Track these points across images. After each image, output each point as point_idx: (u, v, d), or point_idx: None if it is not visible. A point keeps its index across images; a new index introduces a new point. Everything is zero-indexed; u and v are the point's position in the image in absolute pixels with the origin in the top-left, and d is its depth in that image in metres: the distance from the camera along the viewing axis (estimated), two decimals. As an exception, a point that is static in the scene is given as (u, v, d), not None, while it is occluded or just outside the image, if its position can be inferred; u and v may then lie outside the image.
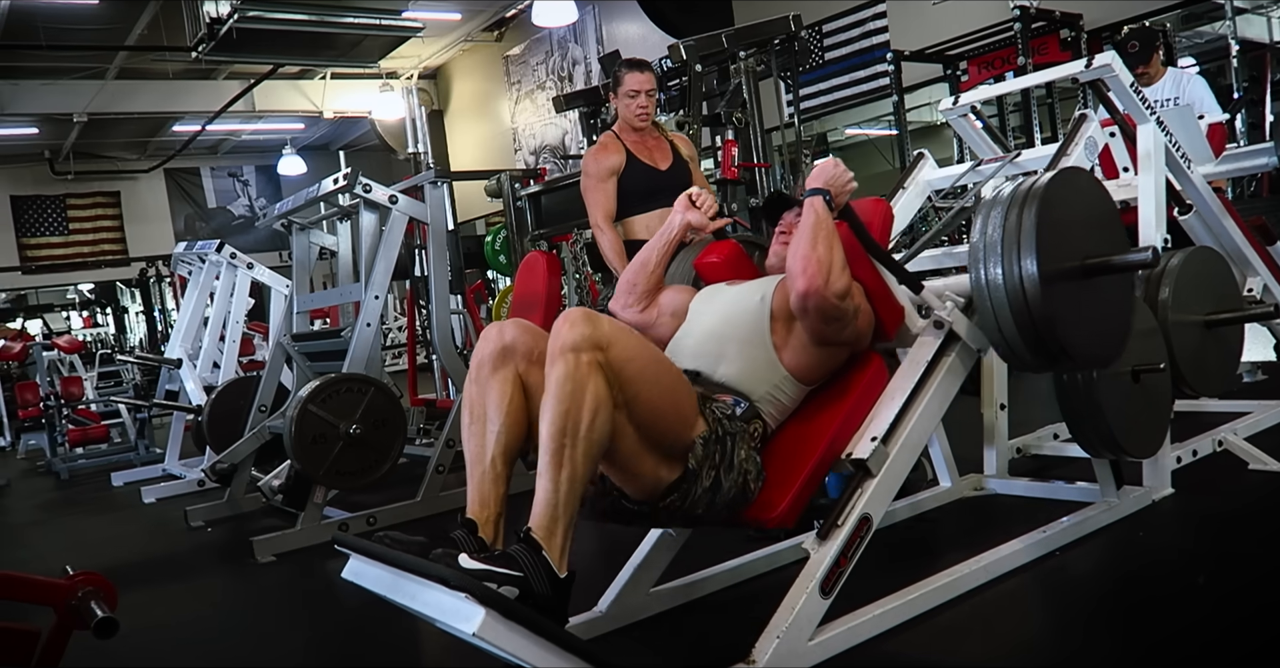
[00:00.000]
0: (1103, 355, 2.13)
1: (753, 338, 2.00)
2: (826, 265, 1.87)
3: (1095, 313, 2.05)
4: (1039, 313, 1.91)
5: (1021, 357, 2.01)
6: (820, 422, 1.99)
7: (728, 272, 2.31)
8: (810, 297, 1.87)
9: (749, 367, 1.98)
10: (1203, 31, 7.54)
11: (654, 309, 2.26)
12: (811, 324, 1.93)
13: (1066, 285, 1.96)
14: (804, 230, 1.93)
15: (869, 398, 2.02)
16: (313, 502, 3.36)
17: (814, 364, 2.00)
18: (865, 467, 1.89)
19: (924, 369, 2.03)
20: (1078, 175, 2.12)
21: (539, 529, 1.60)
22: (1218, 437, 2.98)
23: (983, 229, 1.98)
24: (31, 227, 14.24)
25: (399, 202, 3.64)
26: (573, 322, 1.68)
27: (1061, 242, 1.96)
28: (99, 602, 1.60)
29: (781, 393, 1.99)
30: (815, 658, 1.81)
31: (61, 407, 6.33)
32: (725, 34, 4.42)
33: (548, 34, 11.47)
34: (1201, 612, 1.93)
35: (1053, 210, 1.94)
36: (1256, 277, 3.26)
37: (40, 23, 9.28)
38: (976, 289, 1.99)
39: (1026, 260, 1.90)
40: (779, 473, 1.90)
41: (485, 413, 1.78)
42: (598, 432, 1.64)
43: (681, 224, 2.23)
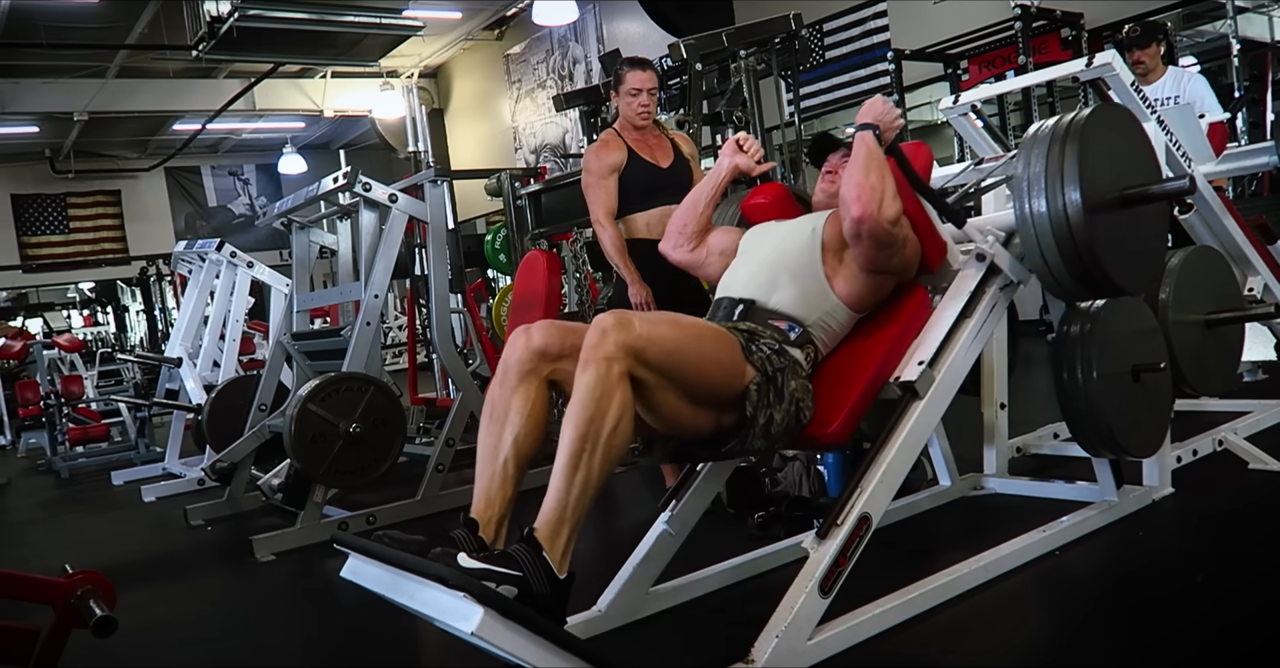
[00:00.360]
0: (1140, 280, 2.26)
1: (805, 268, 2.11)
2: (879, 192, 1.99)
3: (1134, 241, 2.16)
4: (1082, 241, 2.01)
5: (1064, 284, 2.12)
6: (870, 346, 2.10)
7: (775, 212, 2.43)
8: (864, 222, 1.98)
9: (802, 295, 2.09)
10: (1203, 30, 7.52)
11: (703, 249, 2.40)
12: (864, 250, 2.04)
13: (1107, 215, 2.06)
14: (856, 161, 2.04)
15: (915, 326, 2.13)
16: (312, 501, 3.36)
17: (864, 292, 2.11)
18: (913, 389, 1.99)
19: (966, 299, 2.15)
20: (1115, 111, 2.22)
21: (545, 527, 1.61)
22: (1218, 436, 2.98)
23: (1026, 163, 2.08)
24: (32, 225, 14.24)
25: (399, 200, 3.64)
26: (604, 329, 1.70)
27: (1101, 173, 2.06)
28: (98, 600, 1.60)
29: (833, 319, 2.10)
30: (814, 657, 1.81)
31: (62, 405, 6.33)
32: (726, 33, 4.41)
33: (548, 33, 11.47)
34: (1201, 612, 1.93)
35: (1092, 143, 2.04)
36: (1257, 276, 3.26)
37: (41, 21, 9.29)
38: (1021, 220, 2.09)
39: (1070, 191, 2.00)
40: (832, 395, 2.01)
41: (505, 415, 1.79)
42: (618, 441, 1.67)
43: (729, 167, 2.35)
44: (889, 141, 2.09)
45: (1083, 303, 2.36)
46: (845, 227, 2.03)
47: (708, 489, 2.22)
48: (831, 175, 2.32)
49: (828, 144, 2.37)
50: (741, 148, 2.34)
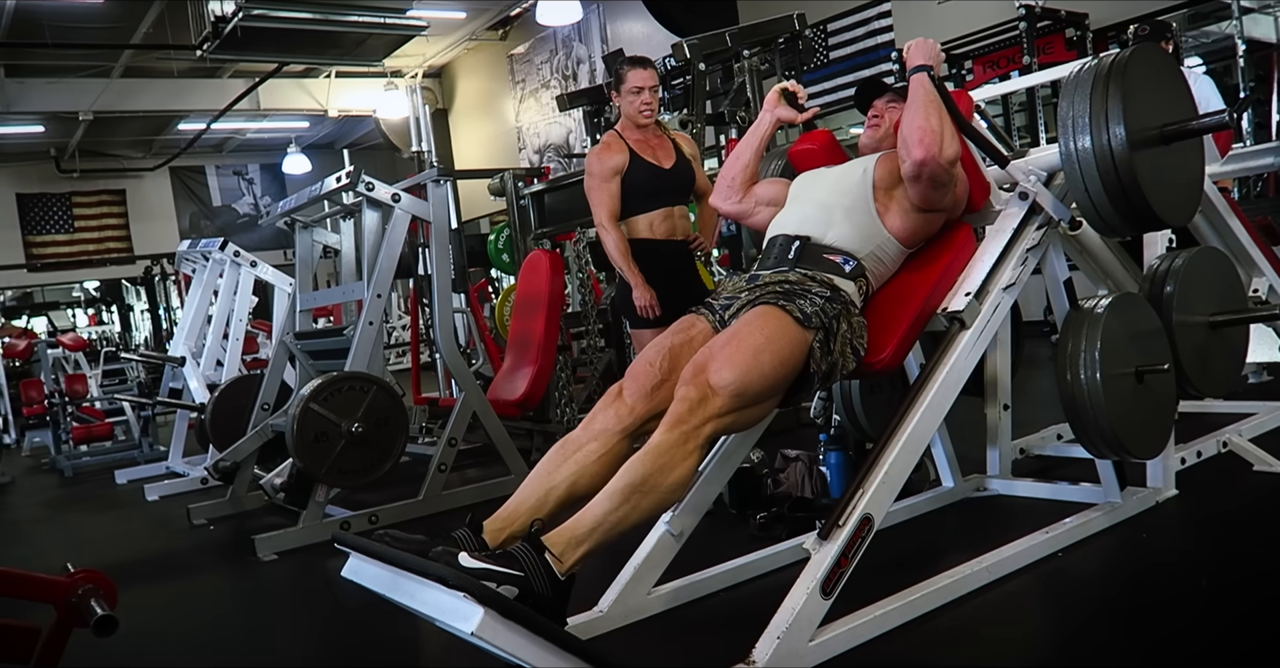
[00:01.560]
0: (1184, 213, 2.31)
1: (858, 204, 2.21)
2: (939, 134, 2.08)
3: (1174, 175, 2.23)
4: (1126, 176, 2.08)
5: (1108, 219, 2.19)
6: (919, 279, 2.22)
7: (823, 158, 2.52)
8: (928, 163, 2.08)
9: (855, 229, 2.19)
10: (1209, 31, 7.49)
11: (750, 199, 2.50)
12: (921, 190, 2.14)
13: (1149, 151, 2.14)
14: (915, 103, 2.13)
15: (960, 261, 2.25)
16: (314, 500, 3.36)
17: (914, 228, 2.22)
18: (960, 318, 2.10)
19: (1010, 236, 2.26)
20: (1153, 51, 2.27)
21: (567, 534, 1.64)
22: (1222, 438, 2.97)
23: (1071, 102, 2.14)
24: (37, 224, 14.26)
25: (402, 200, 3.64)
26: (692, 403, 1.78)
27: (1143, 110, 2.13)
28: (99, 600, 1.60)
29: (884, 253, 2.21)
30: (815, 659, 1.80)
31: (66, 404, 6.34)
32: (729, 33, 4.41)
33: (552, 33, 11.46)
34: (1205, 614, 1.92)
35: (1135, 82, 2.12)
36: (1262, 277, 3.25)
37: (46, 21, 9.30)
38: (1066, 157, 2.15)
39: (1115, 127, 2.07)
40: (883, 324, 2.14)
41: (579, 451, 1.86)
42: (673, 496, 1.77)
43: (772, 120, 2.45)
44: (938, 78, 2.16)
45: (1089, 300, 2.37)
46: (905, 168, 2.12)
47: (709, 490, 2.21)
48: (877, 119, 2.40)
49: (874, 89, 2.44)
50: (790, 93, 2.44)
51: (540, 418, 4.55)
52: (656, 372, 1.95)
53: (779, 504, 2.84)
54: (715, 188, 2.55)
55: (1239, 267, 3.07)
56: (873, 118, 2.42)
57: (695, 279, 3.44)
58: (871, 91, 2.44)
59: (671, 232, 3.34)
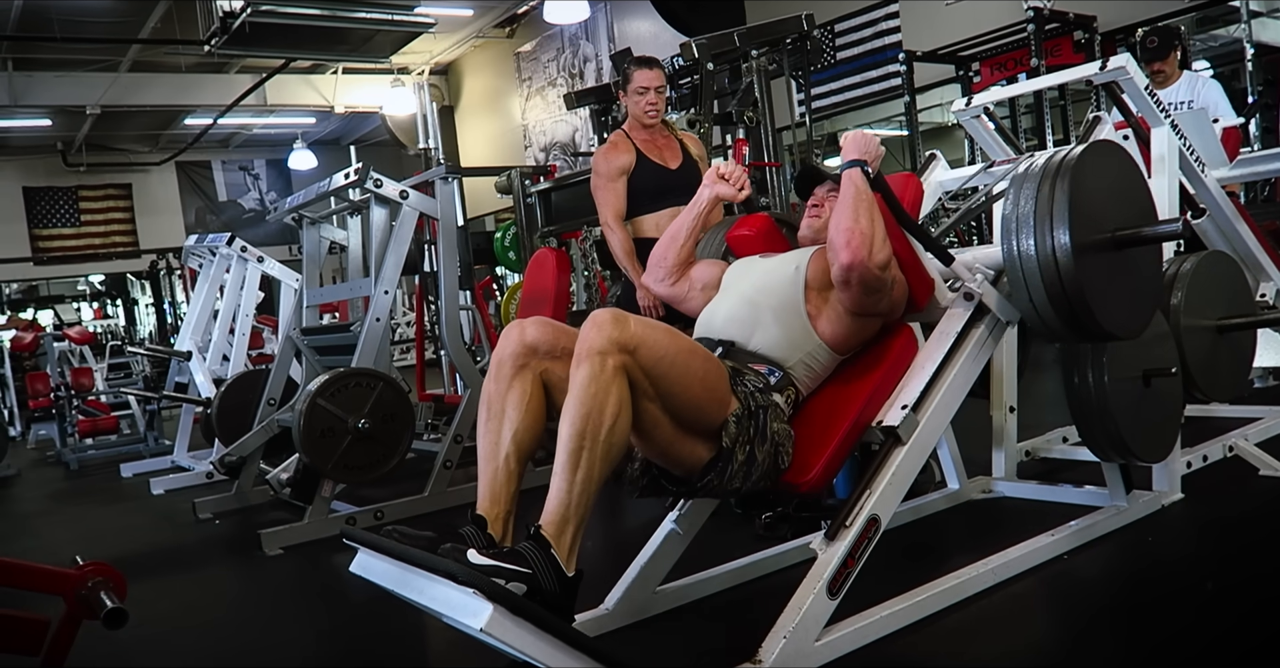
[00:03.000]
0: (1131, 325, 2.15)
1: (787, 307, 2.05)
2: (869, 237, 1.91)
3: (1125, 283, 2.09)
4: (1070, 284, 1.94)
5: (1052, 327, 2.04)
6: (852, 390, 2.04)
7: (760, 245, 2.36)
8: (854, 269, 1.91)
9: (784, 335, 2.03)
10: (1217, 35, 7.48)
11: (685, 282, 2.32)
12: (852, 296, 1.97)
13: (1097, 256, 2.00)
14: (845, 202, 1.97)
15: (899, 367, 2.07)
16: (320, 495, 3.37)
17: (848, 334, 2.05)
18: (896, 434, 1.93)
19: (953, 340, 2.08)
20: (1109, 148, 2.15)
21: (549, 527, 1.61)
22: (1228, 442, 2.97)
23: (1015, 201, 2.01)
24: (43, 218, 14.29)
25: (410, 197, 3.65)
26: (600, 325, 1.68)
27: (1093, 213, 1.99)
28: (109, 592, 1.60)
29: (815, 361, 2.04)
30: (822, 659, 1.81)
31: (72, 397, 6.36)
32: (737, 33, 4.40)
33: (559, 31, 11.47)
34: (1209, 618, 1.93)
35: (1084, 183, 1.98)
36: (1269, 282, 3.25)
37: (54, 15, 9.32)
38: (1009, 260, 2.02)
39: (1059, 232, 1.94)
40: (812, 439, 1.95)
41: (503, 411, 1.78)
42: (617, 436, 1.65)
43: (710, 197, 2.26)
44: (875, 173, 2.01)
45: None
46: (834, 272, 1.96)
47: (716, 489, 2.21)
48: (817, 208, 2.24)
49: (814, 176, 2.28)
50: (723, 176, 2.24)
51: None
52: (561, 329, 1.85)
53: (785, 504, 2.83)
54: (648, 267, 2.37)
55: (1246, 271, 3.07)
56: (812, 207, 2.25)
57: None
58: (812, 179, 2.28)
59: (678, 231, 3.34)
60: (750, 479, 1.85)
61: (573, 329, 1.79)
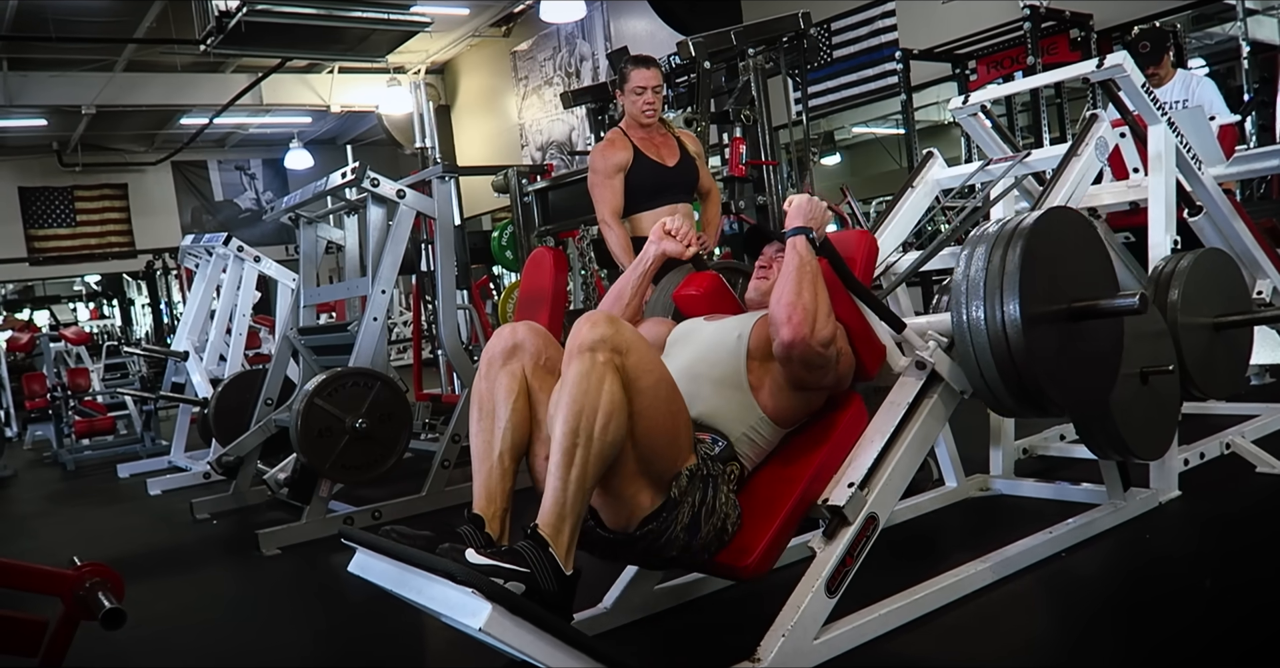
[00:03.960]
0: (1087, 402, 2.06)
1: (728, 378, 1.95)
2: (812, 313, 1.84)
3: (1081, 357, 1.99)
4: (1020, 357, 1.84)
5: (1002, 401, 1.95)
6: (797, 465, 1.93)
7: (706, 305, 2.25)
8: (796, 346, 1.83)
9: (724, 407, 1.94)
10: (1213, 32, 7.50)
11: None
12: (794, 371, 1.89)
13: (1051, 329, 1.90)
14: (788, 275, 1.89)
15: (848, 440, 1.96)
16: (318, 495, 3.36)
17: (791, 407, 1.96)
18: (841, 514, 1.84)
19: (904, 411, 1.97)
20: (1066, 214, 2.07)
21: (546, 526, 1.60)
22: (1225, 439, 2.97)
23: (966, 268, 1.92)
24: (39, 218, 14.27)
25: (406, 196, 3.64)
26: (594, 322, 1.68)
27: (1047, 283, 1.90)
28: (106, 593, 1.60)
29: (758, 434, 1.95)
30: (820, 657, 1.81)
31: (68, 398, 6.35)
32: (734, 31, 4.40)
33: (555, 30, 11.46)
34: (1207, 615, 1.93)
35: (1039, 250, 1.88)
36: (1266, 279, 3.25)
37: (50, 15, 9.30)
38: (958, 330, 1.93)
39: (1009, 303, 1.84)
40: (754, 518, 1.85)
41: (494, 409, 1.78)
42: (611, 434, 1.63)
43: (656, 255, 2.18)
44: (821, 240, 1.94)
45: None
46: (775, 347, 1.88)
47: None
48: (765, 270, 2.17)
49: (761, 237, 2.24)
50: (670, 233, 2.15)
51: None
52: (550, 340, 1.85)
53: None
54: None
55: (1243, 269, 3.07)
56: (760, 268, 2.18)
57: (699, 277, 3.44)
58: (760, 239, 2.23)
59: (675, 230, 3.34)
60: (690, 548, 1.78)
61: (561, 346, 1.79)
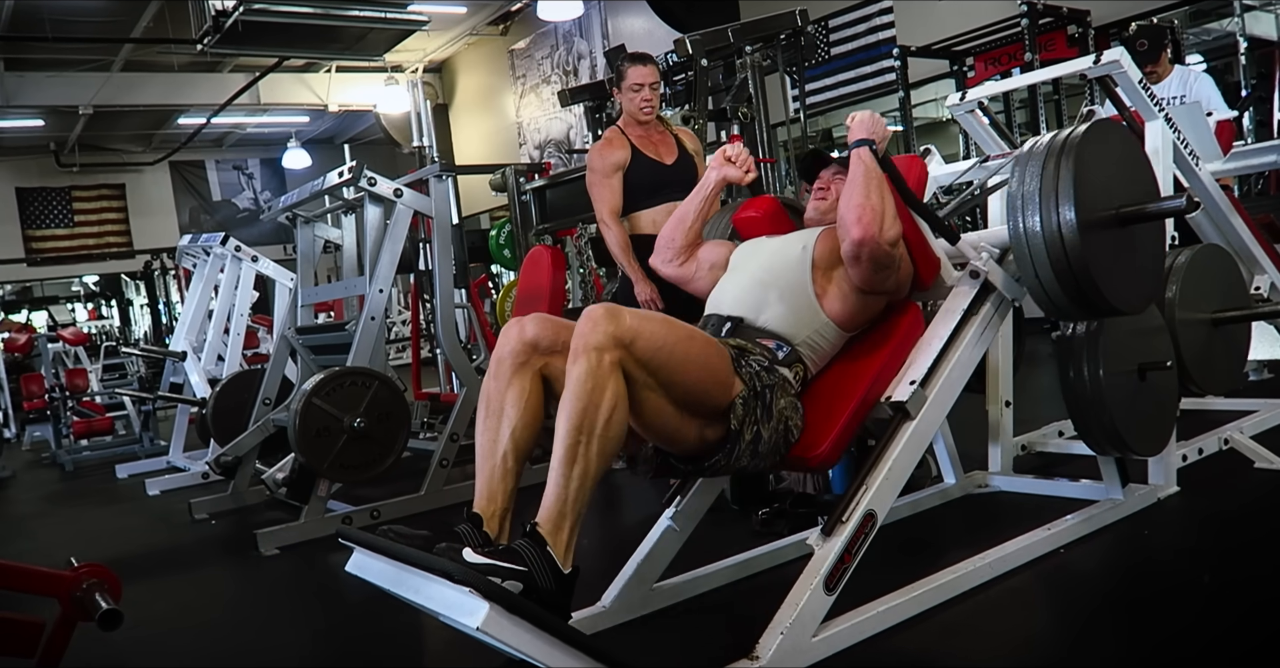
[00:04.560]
0: (1137, 301, 2.18)
1: (795, 285, 2.07)
2: (879, 213, 1.95)
3: (1130, 259, 2.11)
4: (1076, 261, 1.97)
5: (1059, 304, 2.06)
6: (860, 366, 2.06)
7: (766, 226, 2.38)
8: (865, 244, 1.94)
9: (791, 313, 2.05)
10: (1210, 28, 7.50)
11: (693, 263, 2.35)
12: (862, 272, 2.00)
13: (1102, 233, 2.02)
14: (855, 180, 2.00)
15: (907, 344, 2.09)
16: (316, 495, 3.36)
17: (854, 311, 2.07)
18: (904, 409, 1.96)
19: (960, 318, 2.10)
20: (1111, 127, 2.16)
21: (546, 523, 1.60)
22: (1224, 435, 2.97)
23: (1021, 180, 2.03)
24: (37, 219, 14.26)
25: (404, 195, 3.64)
26: (595, 320, 1.68)
27: (1097, 191, 2.01)
28: (103, 593, 1.60)
29: (822, 338, 2.06)
30: (819, 654, 1.80)
31: (66, 399, 6.34)
32: (731, 28, 4.40)
33: (553, 28, 11.46)
34: (1206, 610, 1.93)
35: (1088, 161, 2.00)
36: (1264, 274, 3.25)
37: (46, 15, 9.29)
38: (1015, 238, 2.04)
39: (1065, 209, 1.96)
40: (821, 415, 1.97)
41: (501, 409, 1.79)
42: (613, 430, 1.65)
43: (717, 179, 2.29)
44: (881, 153, 2.04)
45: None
46: (844, 248, 1.99)
47: (712, 486, 2.21)
48: (823, 192, 2.26)
49: (819, 160, 2.30)
50: (730, 159, 2.26)
51: (541, 413, 4.54)
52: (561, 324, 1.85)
53: (781, 500, 2.84)
54: (655, 248, 2.39)
55: (1241, 264, 3.07)
56: (818, 190, 2.27)
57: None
58: (817, 163, 2.31)
59: (674, 228, 3.34)
60: (759, 456, 1.88)
61: (573, 323, 1.79)
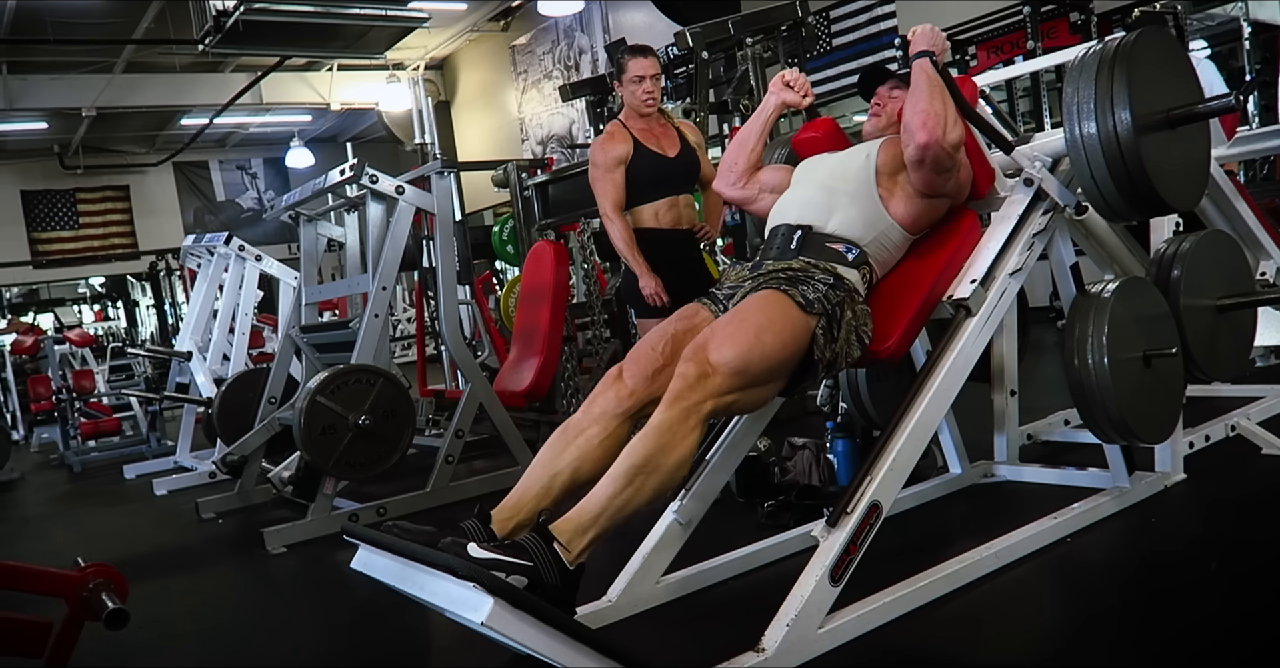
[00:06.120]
0: (1190, 197, 2.31)
1: (861, 190, 2.19)
2: (943, 118, 2.07)
3: (1179, 159, 2.23)
4: (1132, 161, 2.08)
5: (1114, 204, 2.18)
6: (923, 267, 2.21)
7: (826, 144, 2.49)
8: (930, 147, 2.06)
9: (858, 215, 2.16)
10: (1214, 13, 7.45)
11: (754, 184, 2.47)
12: (925, 175, 2.13)
13: (1154, 134, 2.13)
14: (919, 88, 2.12)
15: (966, 247, 2.24)
16: (322, 493, 3.37)
17: (918, 214, 2.20)
18: (965, 306, 2.09)
19: (1015, 223, 2.25)
20: (1158, 34, 2.26)
21: (573, 521, 1.64)
22: (1230, 422, 2.96)
23: (1075, 88, 2.13)
24: (42, 221, 14.30)
25: (406, 192, 3.64)
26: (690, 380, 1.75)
27: (1149, 94, 2.12)
28: (110, 593, 1.61)
29: (888, 240, 2.18)
30: (825, 646, 1.80)
31: (73, 400, 6.36)
32: (732, 20, 4.39)
33: (554, 23, 11.43)
34: (1214, 599, 1.92)
35: (1139, 66, 2.10)
36: (1269, 260, 3.23)
37: (48, 17, 9.30)
38: (1071, 142, 2.15)
39: (1120, 112, 2.06)
40: (888, 313, 2.13)
41: (578, 437, 1.85)
42: (675, 476, 1.74)
43: (776, 104, 2.42)
44: (941, 65, 2.14)
45: (1095, 285, 2.37)
46: (909, 152, 2.10)
47: (716, 479, 2.21)
48: (879, 106, 2.38)
49: (877, 76, 2.42)
50: (789, 84, 2.39)
51: (546, 409, 4.55)
52: (658, 356, 1.94)
53: (786, 492, 2.84)
54: (719, 172, 2.53)
55: (1246, 250, 3.05)
56: (874, 106, 2.41)
57: (701, 268, 3.43)
58: (875, 79, 2.42)
59: (677, 221, 3.34)
60: (839, 365, 2.02)
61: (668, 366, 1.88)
